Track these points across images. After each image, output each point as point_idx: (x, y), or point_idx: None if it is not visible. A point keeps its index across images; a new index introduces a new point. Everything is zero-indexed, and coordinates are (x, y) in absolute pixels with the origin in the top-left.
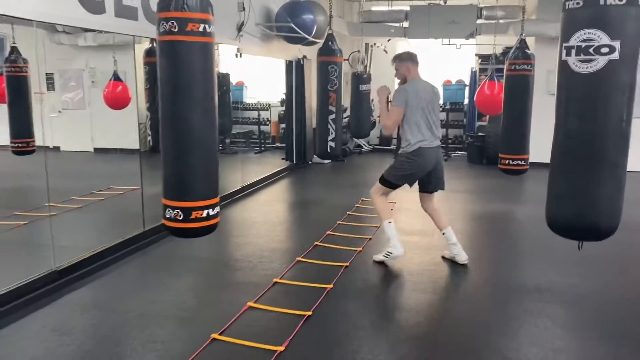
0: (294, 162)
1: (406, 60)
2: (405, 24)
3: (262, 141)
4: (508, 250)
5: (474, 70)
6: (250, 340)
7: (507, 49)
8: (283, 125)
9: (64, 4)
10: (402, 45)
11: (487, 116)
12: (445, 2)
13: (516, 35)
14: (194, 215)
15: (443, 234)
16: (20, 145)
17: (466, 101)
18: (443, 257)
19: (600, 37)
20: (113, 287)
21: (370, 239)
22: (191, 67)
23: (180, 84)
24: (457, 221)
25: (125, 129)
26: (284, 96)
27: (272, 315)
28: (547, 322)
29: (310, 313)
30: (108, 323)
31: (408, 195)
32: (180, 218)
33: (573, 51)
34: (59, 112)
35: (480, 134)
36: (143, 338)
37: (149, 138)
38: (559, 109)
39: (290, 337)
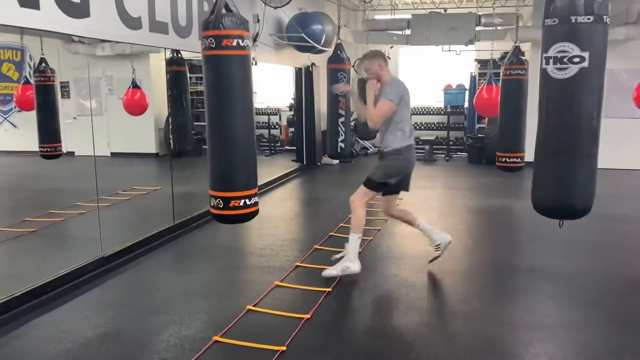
0: (304, 163)
1: (377, 58)
2: (408, 32)
3: (272, 144)
4: (505, 239)
5: (473, 74)
6: (280, 310)
7: (505, 54)
8: (292, 129)
9: (110, 22)
10: (404, 51)
11: (487, 119)
12: (445, 11)
13: (513, 41)
14: (232, 204)
15: (418, 226)
16: (48, 149)
17: (466, 104)
18: (430, 261)
19: (573, 49)
20: (154, 270)
21: (379, 229)
22: (230, 76)
23: (222, 91)
24: (458, 214)
25: (141, 134)
26: (292, 101)
27: (297, 292)
28: (538, 295)
29: (330, 289)
30: (155, 298)
31: (412, 191)
32: (221, 206)
33: (551, 60)
34: (74, 118)
35: (479, 135)
36: (188, 309)
37: (171, 141)
38: (540, 109)
39: (315, 308)
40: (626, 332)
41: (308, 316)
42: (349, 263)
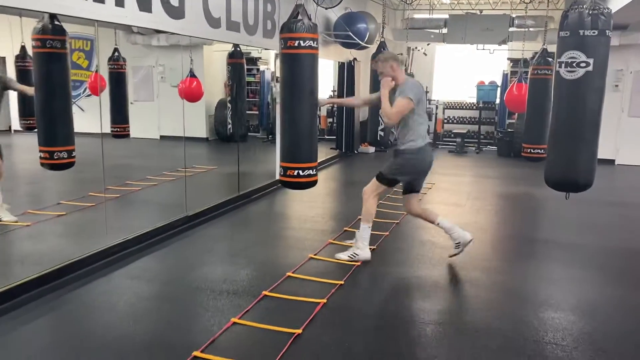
0: (343, 150)
1: (389, 60)
2: (444, 31)
3: None
4: (525, 218)
5: (505, 72)
6: (318, 276)
7: (536, 54)
8: (330, 120)
9: (199, 22)
10: (441, 48)
11: (516, 114)
12: (481, 12)
13: (543, 43)
14: (300, 173)
15: (438, 224)
16: (118, 130)
17: (498, 100)
18: (450, 256)
19: (580, 56)
20: (226, 227)
21: (406, 214)
22: (302, 70)
23: (295, 83)
24: (486, 198)
25: (191, 120)
26: (332, 93)
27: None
28: (548, 259)
29: (358, 263)
30: (226, 249)
31: (444, 178)
32: (293, 175)
33: (563, 64)
34: (131, 103)
35: (509, 130)
36: (249, 260)
37: (229, 126)
38: (554, 103)
39: (349, 274)
40: (620, 287)
41: (342, 282)
42: (358, 251)
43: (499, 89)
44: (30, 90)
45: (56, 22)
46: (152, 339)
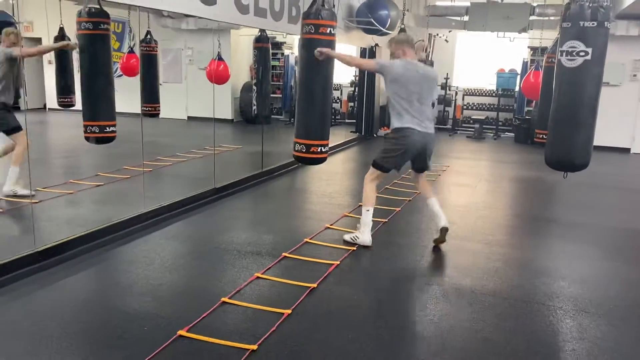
0: (362, 134)
1: (402, 43)
2: (465, 18)
3: (333, 116)
4: (534, 199)
5: (525, 60)
6: (333, 243)
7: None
8: (351, 104)
9: (229, 9)
10: (462, 35)
11: (534, 102)
12: (502, 0)
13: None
14: (312, 149)
15: (427, 204)
16: (150, 109)
17: (517, 88)
18: (435, 245)
19: (580, 45)
20: (250, 199)
21: (418, 193)
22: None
23: (312, 66)
24: (499, 181)
25: (217, 102)
26: (353, 78)
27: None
28: (549, 235)
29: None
30: (250, 218)
31: (460, 161)
32: (304, 150)
33: (564, 53)
34: (160, 85)
35: (527, 117)
36: (272, 227)
37: (254, 108)
38: (554, 89)
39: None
40: (614, 261)
41: (354, 248)
42: (359, 234)
43: (518, 77)
44: (63, 45)
45: (100, 6)
46: (186, 287)
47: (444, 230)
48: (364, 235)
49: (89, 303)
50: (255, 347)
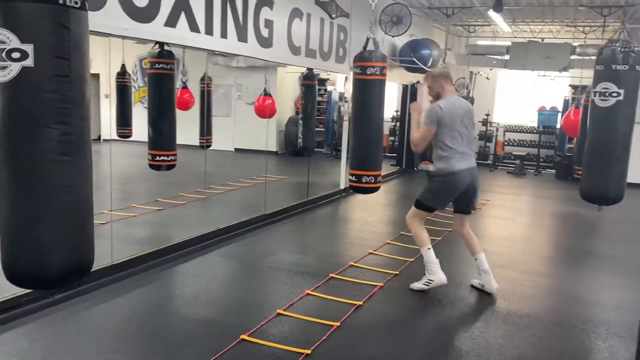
0: (403, 167)
1: (439, 78)
2: (506, 57)
3: None
4: (572, 233)
5: (566, 98)
6: (377, 267)
7: None
8: (392, 138)
9: (284, 51)
10: (503, 72)
11: (575, 139)
12: (542, 40)
13: None
14: (364, 179)
15: (475, 259)
16: (206, 141)
17: (558, 125)
18: (472, 286)
19: (612, 87)
20: (299, 224)
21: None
22: (372, 94)
23: (365, 104)
24: (541, 215)
25: (263, 135)
26: (395, 113)
27: (387, 258)
28: (584, 266)
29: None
30: (298, 242)
31: (501, 196)
32: (360, 180)
33: (597, 94)
34: None
35: (568, 154)
36: (317, 249)
37: (300, 141)
38: (589, 126)
39: (404, 267)
40: None
41: (397, 272)
42: (431, 276)
43: (559, 114)
44: None
45: (167, 48)
46: (244, 299)
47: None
48: (437, 275)
49: (161, 309)
50: (309, 351)
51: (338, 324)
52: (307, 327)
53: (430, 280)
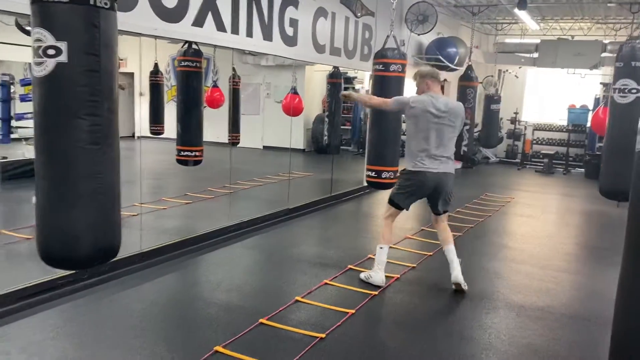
0: None
1: (425, 77)
2: (535, 55)
3: None
4: (595, 230)
5: (597, 97)
6: (395, 260)
7: None
8: None
9: (308, 49)
10: (532, 70)
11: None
12: (572, 38)
13: None
14: (384, 175)
15: (445, 250)
16: (233, 138)
17: (588, 124)
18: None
19: (632, 83)
20: (322, 219)
21: (482, 220)
22: (389, 90)
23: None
24: (566, 213)
25: (290, 132)
26: None
27: (405, 252)
28: (615, 266)
29: (431, 253)
30: (320, 235)
31: (526, 194)
32: (376, 176)
33: (617, 90)
34: None
35: (597, 153)
36: (338, 242)
37: (325, 138)
38: (608, 123)
39: (421, 261)
40: None
41: (414, 265)
42: (372, 273)
43: (590, 113)
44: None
45: (194, 47)
46: (264, 287)
47: (457, 286)
48: (378, 275)
49: (186, 294)
50: (323, 335)
51: (353, 311)
52: (323, 314)
53: (370, 275)
